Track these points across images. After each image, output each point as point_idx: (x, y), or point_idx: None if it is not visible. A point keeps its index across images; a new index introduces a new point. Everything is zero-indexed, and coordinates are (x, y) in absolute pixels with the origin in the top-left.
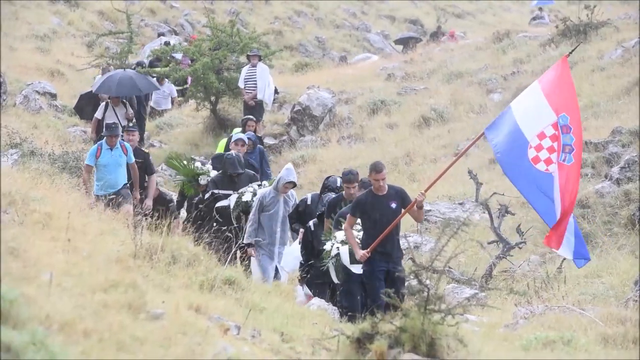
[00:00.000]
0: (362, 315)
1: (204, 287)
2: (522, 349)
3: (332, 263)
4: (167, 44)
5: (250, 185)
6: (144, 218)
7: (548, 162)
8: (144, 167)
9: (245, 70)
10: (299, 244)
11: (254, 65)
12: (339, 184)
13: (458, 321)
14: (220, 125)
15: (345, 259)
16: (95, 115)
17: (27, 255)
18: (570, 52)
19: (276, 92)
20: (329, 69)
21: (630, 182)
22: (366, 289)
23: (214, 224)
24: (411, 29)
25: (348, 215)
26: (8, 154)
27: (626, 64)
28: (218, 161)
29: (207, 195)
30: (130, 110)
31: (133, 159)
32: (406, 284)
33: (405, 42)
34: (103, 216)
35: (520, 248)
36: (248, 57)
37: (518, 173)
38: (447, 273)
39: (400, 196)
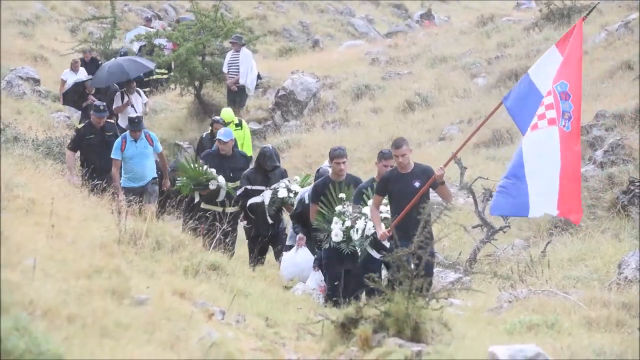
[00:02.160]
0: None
1: (188, 273)
2: (506, 333)
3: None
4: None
5: (281, 180)
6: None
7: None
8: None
9: (229, 55)
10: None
11: (238, 51)
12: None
13: (442, 305)
14: (204, 110)
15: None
16: (115, 107)
17: (10, 241)
18: (588, 14)
19: (259, 77)
20: (313, 53)
21: (614, 165)
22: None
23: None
24: (395, 13)
25: (374, 195)
26: None
27: (609, 47)
28: (210, 158)
29: (239, 192)
30: (145, 98)
31: (160, 148)
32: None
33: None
34: (87, 202)
35: (504, 232)
36: (231, 42)
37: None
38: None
39: (426, 175)
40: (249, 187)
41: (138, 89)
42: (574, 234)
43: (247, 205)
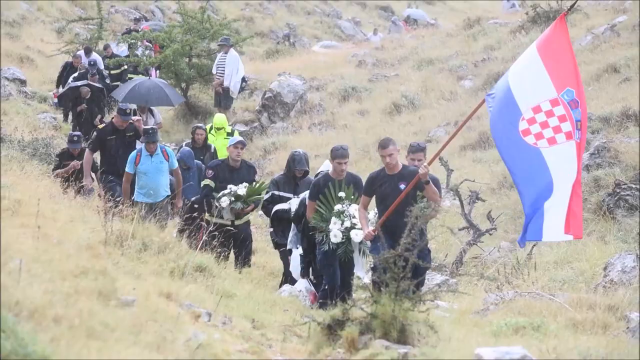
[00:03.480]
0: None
1: (174, 274)
2: (492, 335)
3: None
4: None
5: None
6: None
7: (538, 136)
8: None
9: (218, 57)
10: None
11: (226, 52)
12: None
13: (429, 307)
14: (191, 112)
15: (355, 242)
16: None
17: None
18: (569, 9)
19: (244, 80)
20: (300, 55)
21: (600, 168)
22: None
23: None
24: (382, 16)
25: (362, 196)
26: None
27: (596, 50)
28: (219, 169)
29: (266, 197)
30: (159, 119)
31: (176, 165)
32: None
33: None
34: (73, 203)
35: (490, 234)
36: (219, 44)
37: (507, 144)
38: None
39: (412, 177)
40: (276, 192)
41: (152, 107)
42: None
43: (273, 211)
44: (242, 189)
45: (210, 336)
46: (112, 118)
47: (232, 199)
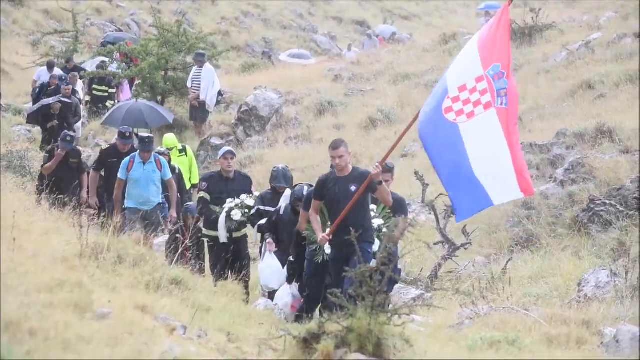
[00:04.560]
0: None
1: (150, 287)
2: (467, 349)
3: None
4: (101, 65)
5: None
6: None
7: (459, 113)
8: (78, 166)
9: (193, 70)
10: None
11: (201, 67)
12: (305, 192)
13: (404, 321)
14: (167, 125)
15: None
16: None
17: None
18: None
19: (220, 94)
20: (276, 69)
21: (575, 184)
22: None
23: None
24: (358, 31)
25: (312, 200)
26: None
27: (571, 66)
28: (213, 181)
29: (252, 212)
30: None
31: (169, 175)
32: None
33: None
34: (48, 215)
35: (465, 249)
36: (194, 59)
37: (427, 124)
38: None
39: (363, 179)
40: (261, 207)
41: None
42: (535, 252)
43: (257, 226)
44: (249, 200)
45: (186, 349)
46: (115, 141)
47: (245, 210)
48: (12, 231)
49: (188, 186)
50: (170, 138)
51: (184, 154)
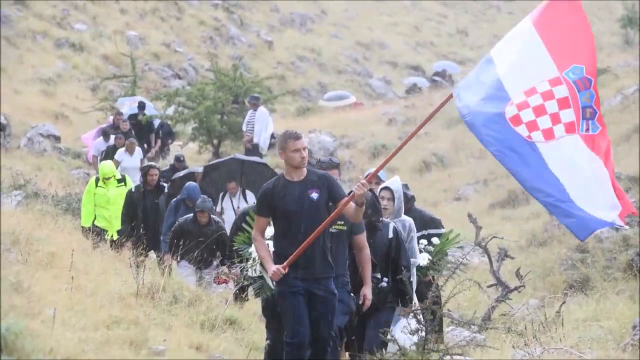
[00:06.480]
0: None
1: (205, 327)
2: None
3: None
4: (141, 105)
5: None
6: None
7: (531, 127)
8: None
9: (248, 114)
10: None
11: (255, 109)
12: None
13: None
14: None
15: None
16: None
17: (31, 292)
18: None
19: (273, 137)
20: (330, 113)
21: (629, 227)
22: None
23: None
24: (412, 74)
25: (255, 217)
26: (12, 195)
27: (625, 110)
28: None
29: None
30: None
31: None
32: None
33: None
34: (105, 256)
35: (519, 292)
36: (249, 102)
37: (493, 135)
38: (445, 314)
39: (325, 183)
40: None
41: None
42: (590, 295)
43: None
44: None
45: None
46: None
47: None
48: (70, 270)
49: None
50: (106, 167)
51: (122, 183)
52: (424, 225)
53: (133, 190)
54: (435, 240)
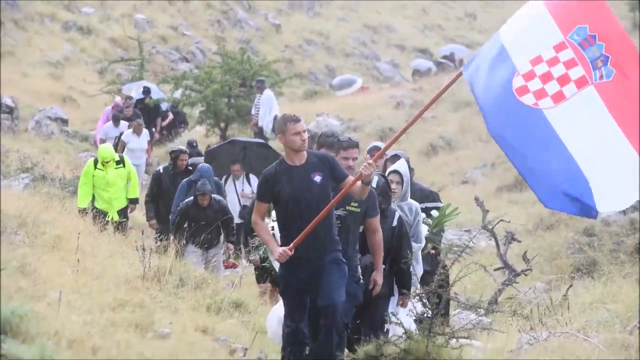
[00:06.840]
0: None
1: (211, 310)
2: None
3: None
4: (146, 90)
5: None
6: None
7: (539, 94)
8: None
9: (256, 97)
10: None
11: (261, 93)
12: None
13: (462, 345)
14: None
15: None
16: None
17: (37, 274)
18: None
19: (276, 119)
20: (338, 97)
21: (636, 210)
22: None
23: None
24: (420, 58)
25: (255, 202)
26: (19, 178)
27: None
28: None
29: None
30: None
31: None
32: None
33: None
34: (112, 239)
35: (526, 275)
36: (255, 86)
37: (498, 112)
38: (452, 297)
39: (325, 164)
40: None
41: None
42: (597, 278)
43: None
44: None
45: None
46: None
47: None
48: (76, 253)
49: (124, 203)
50: (105, 150)
51: (121, 165)
52: (423, 198)
53: (161, 171)
54: (434, 212)
